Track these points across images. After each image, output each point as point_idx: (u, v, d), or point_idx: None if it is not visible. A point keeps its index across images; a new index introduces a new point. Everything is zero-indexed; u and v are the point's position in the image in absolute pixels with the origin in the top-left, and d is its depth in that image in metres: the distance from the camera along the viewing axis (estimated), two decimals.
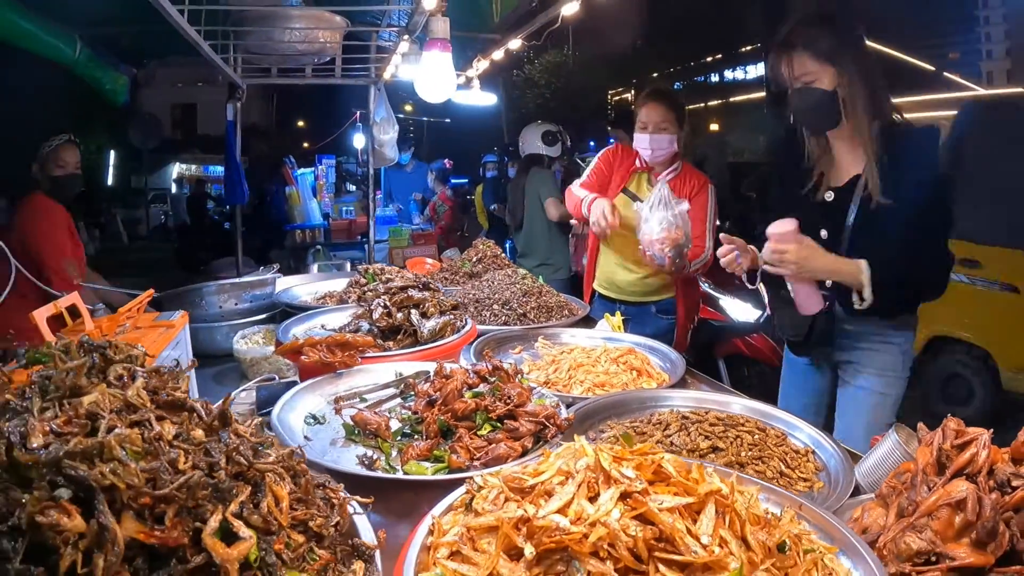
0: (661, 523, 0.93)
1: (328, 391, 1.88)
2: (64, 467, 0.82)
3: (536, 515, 0.94)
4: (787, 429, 2.02)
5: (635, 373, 2.55)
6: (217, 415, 1.03)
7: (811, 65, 2.52)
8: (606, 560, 0.91)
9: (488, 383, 1.69)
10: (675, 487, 1.01)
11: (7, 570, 0.80)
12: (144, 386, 1.03)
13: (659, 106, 3.72)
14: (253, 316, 3.15)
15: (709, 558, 0.92)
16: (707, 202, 3.76)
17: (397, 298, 2.32)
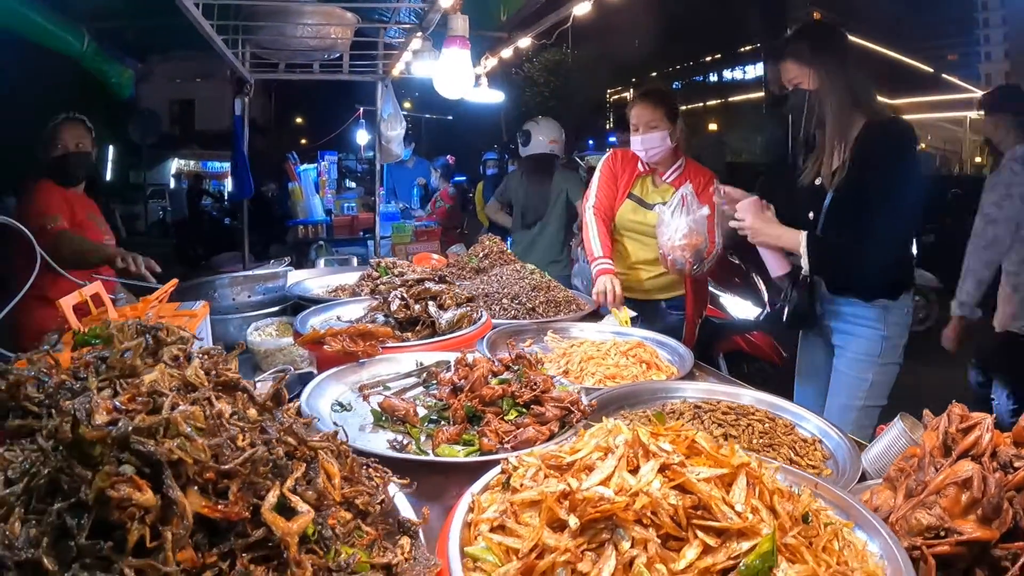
0: (699, 492, 0.99)
1: (351, 379, 1.92)
2: (132, 443, 0.84)
3: (580, 488, 0.99)
4: (794, 420, 2.07)
5: (644, 366, 2.60)
6: (271, 394, 1.08)
7: (795, 70, 2.89)
8: (649, 527, 0.97)
9: (512, 371, 1.74)
10: (708, 460, 1.07)
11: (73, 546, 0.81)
12: (200, 366, 1.07)
13: (647, 105, 3.72)
14: (266, 308, 3.18)
15: (744, 524, 0.98)
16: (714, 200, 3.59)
17: (414, 290, 2.36)
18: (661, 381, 2.41)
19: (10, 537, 0.83)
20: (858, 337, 2.93)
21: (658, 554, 0.96)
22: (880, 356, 2.90)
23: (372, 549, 1.01)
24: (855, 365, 2.94)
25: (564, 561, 0.95)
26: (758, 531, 0.98)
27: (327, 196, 9.36)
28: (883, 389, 2.93)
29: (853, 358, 2.95)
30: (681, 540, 0.99)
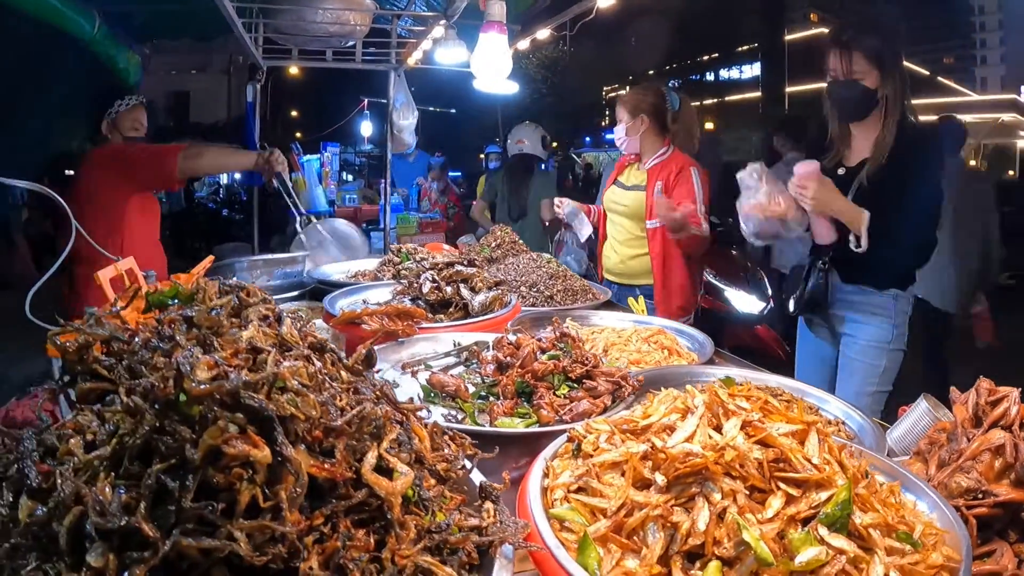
0: (780, 445, 1.04)
1: (392, 358, 1.94)
2: (243, 398, 0.81)
3: (666, 446, 1.03)
4: (817, 403, 2.10)
5: (666, 352, 2.63)
6: (363, 357, 1.10)
7: (863, 64, 2.88)
8: (737, 479, 1.01)
9: (557, 348, 1.77)
10: (782, 418, 1.12)
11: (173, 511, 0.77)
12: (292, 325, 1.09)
13: (617, 103, 4.20)
14: (284, 293, 3.20)
15: (821, 476, 1.03)
16: (692, 181, 3.93)
17: (446, 273, 2.40)
18: (686, 365, 2.44)
19: (103, 502, 0.77)
20: (869, 325, 3.03)
21: (747, 504, 1.00)
22: (891, 343, 3.02)
23: (458, 514, 1.00)
24: (868, 352, 3.04)
25: (657, 516, 0.99)
26: (834, 482, 1.04)
27: (330, 187, 9.36)
28: (891, 375, 3.05)
29: (865, 345, 3.05)
30: (764, 492, 1.03)
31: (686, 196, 3.85)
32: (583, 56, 29.94)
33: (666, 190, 3.87)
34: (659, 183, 3.90)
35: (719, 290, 5.84)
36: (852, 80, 2.90)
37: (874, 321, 3.03)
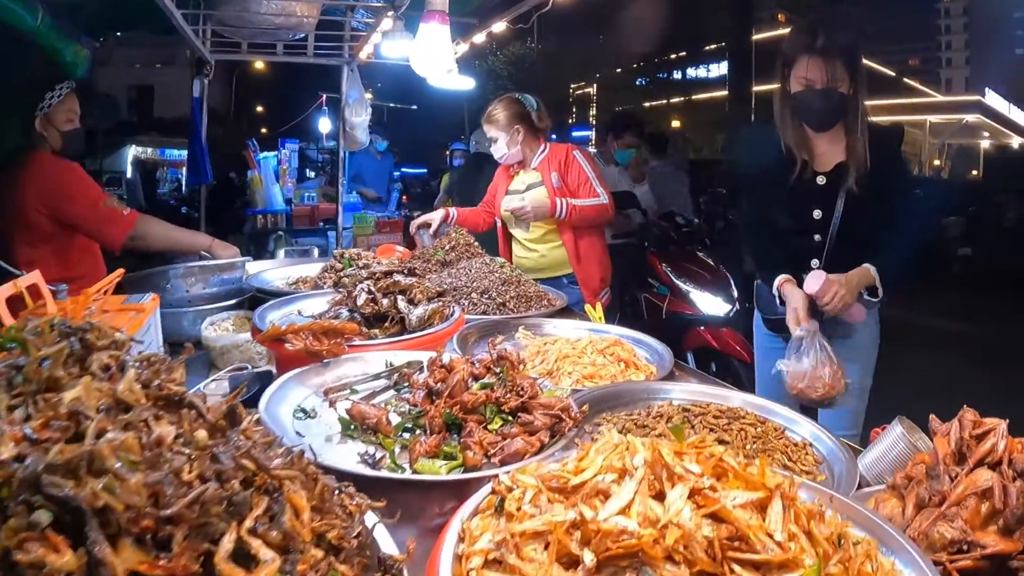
0: (736, 521, 0.85)
1: (315, 382, 1.74)
2: (45, 485, 0.65)
3: (596, 518, 0.84)
4: (784, 423, 1.96)
5: (623, 365, 2.48)
6: (225, 412, 0.90)
7: (841, 72, 2.79)
8: (681, 564, 0.83)
9: (493, 372, 1.58)
10: (739, 481, 0.93)
11: None
12: (136, 378, 0.88)
13: (486, 124, 4.35)
14: (222, 301, 3.00)
15: (786, 556, 0.84)
16: (579, 161, 4.25)
17: (382, 283, 2.19)
18: (644, 382, 2.28)
19: None
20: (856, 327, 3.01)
21: None
22: (878, 336, 3.13)
23: None
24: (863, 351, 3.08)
25: None
26: (801, 562, 0.85)
27: (287, 185, 9.11)
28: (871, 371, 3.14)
29: (860, 346, 3.06)
30: None
31: (579, 175, 4.20)
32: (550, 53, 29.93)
33: (561, 177, 4.19)
34: (554, 174, 4.20)
35: (684, 292, 5.72)
36: (831, 88, 2.80)
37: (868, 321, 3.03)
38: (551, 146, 4.38)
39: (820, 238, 2.97)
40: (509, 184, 4.46)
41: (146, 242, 3.37)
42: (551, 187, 4.19)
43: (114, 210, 3.28)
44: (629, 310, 6.38)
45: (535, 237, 4.35)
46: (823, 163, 2.98)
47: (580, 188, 4.18)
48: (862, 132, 2.86)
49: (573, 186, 4.19)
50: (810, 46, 2.78)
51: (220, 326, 2.75)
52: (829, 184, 2.94)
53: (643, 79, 44.06)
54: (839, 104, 2.82)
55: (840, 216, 2.92)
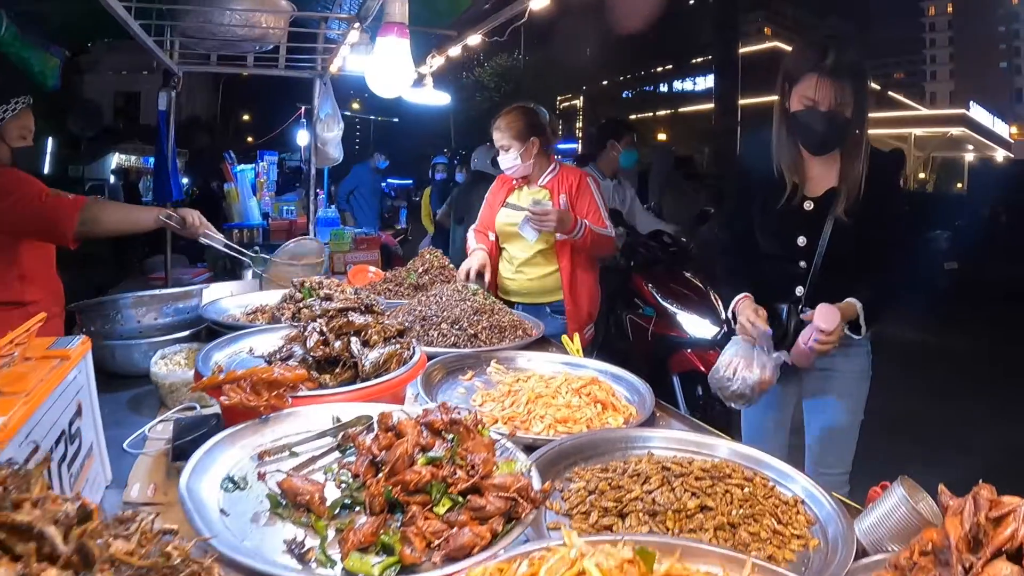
0: None
1: (252, 442, 1.54)
2: None
3: None
4: (775, 476, 1.79)
5: (599, 406, 2.29)
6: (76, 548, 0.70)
7: (847, 95, 2.62)
8: None
9: (444, 440, 1.39)
10: None
11: None
12: None
13: (498, 129, 4.06)
14: (176, 332, 2.80)
15: None
16: (592, 190, 4.07)
17: (335, 323, 1.99)
18: (621, 429, 2.09)
19: None
20: (853, 357, 2.90)
21: None
22: (869, 369, 2.95)
23: None
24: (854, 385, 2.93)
25: None
26: None
27: (265, 199, 8.88)
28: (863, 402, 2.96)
29: (851, 379, 2.92)
30: None
31: (590, 205, 4.00)
32: (536, 65, 29.90)
33: (571, 202, 3.98)
34: (563, 196, 3.99)
35: (671, 315, 5.56)
36: (835, 112, 2.63)
37: (857, 353, 2.91)
38: (562, 167, 4.17)
39: (805, 265, 2.82)
40: (507, 197, 4.22)
41: (99, 226, 3.04)
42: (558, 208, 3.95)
43: (58, 198, 3.04)
44: (614, 331, 6.21)
45: (526, 259, 4.09)
46: (813, 187, 2.83)
47: (589, 217, 3.95)
48: (863, 158, 2.71)
49: (582, 213, 3.95)
50: (818, 65, 2.61)
51: (172, 360, 2.55)
52: (817, 210, 2.79)
53: (629, 91, 44.16)
54: (841, 128, 2.67)
55: (826, 244, 2.76)
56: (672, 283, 5.79)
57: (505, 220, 4.11)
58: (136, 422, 2.11)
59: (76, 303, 2.90)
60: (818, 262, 2.78)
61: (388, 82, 3.04)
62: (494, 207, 4.27)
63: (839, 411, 2.92)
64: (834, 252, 2.76)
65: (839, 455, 2.93)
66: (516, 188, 4.19)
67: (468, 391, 2.44)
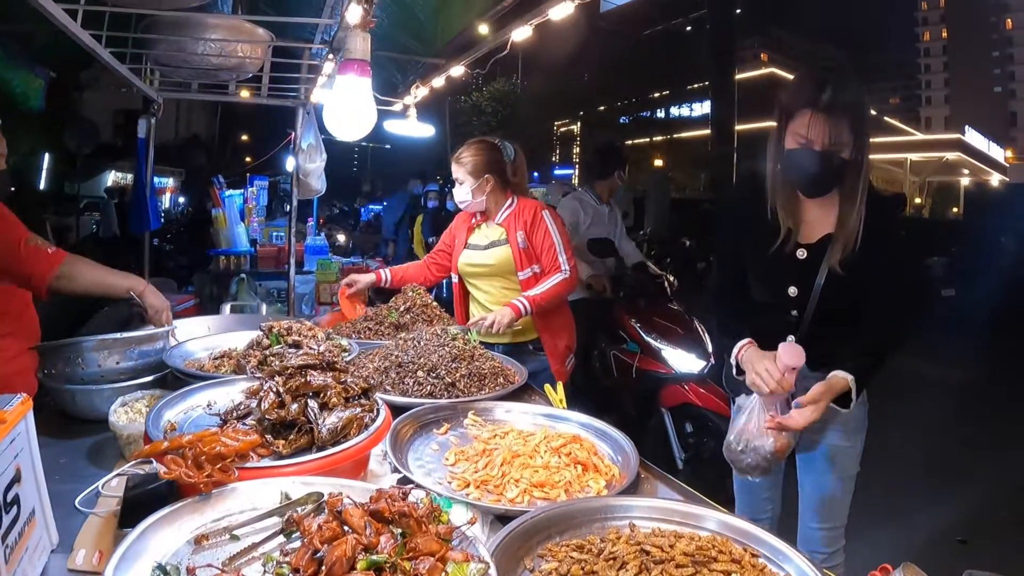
0: None
1: (191, 522, 1.40)
2: None
3: None
4: (767, 553, 1.65)
5: (580, 468, 2.15)
6: None
7: (845, 135, 2.46)
8: None
9: (392, 535, 1.25)
10: None
11: None
12: None
13: (455, 163, 4.06)
14: (140, 377, 2.66)
15: None
16: (547, 224, 3.96)
17: (293, 383, 1.85)
18: (600, 498, 1.93)
19: None
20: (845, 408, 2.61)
21: None
22: (864, 420, 2.78)
23: None
24: (847, 436, 2.74)
25: None
26: None
27: (253, 224, 8.78)
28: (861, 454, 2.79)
29: (844, 431, 2.73)
30: None
31: (544, 239, 3.93)
32: (534, 90, 29.94)
33: (527, 238, 3.92)
34: (520, 233, 3.93)
35: (656, 350, 5.43)
36: (831, 152, 2.47)
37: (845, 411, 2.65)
38: (519, 201, 4.09)
39: (797, 314, 2.67)
40: (469, 236, 4.19)
41: (73, 283, 2.94)
42: (516, 247, 3.95)
43: (37, 248, 2.92)
44: (599, 367, 6.08)
45: (494, 299, 4.08)
46: (809, 232, 2.67)
47: (544, 254, 3.94)
48: (860, 205, 2.53)
49: (538, 248, 3.94)
50: (814, 101, 2.45)
51: (132, 407, 2.40)
52: (810, 258, 2.64)
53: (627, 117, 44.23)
54: (838, 170, 2.50)
55: (819, 295, 2.61)
56: (656, 317, 5.68)
57: (467, 261, 4.13)
58: (94, 474, 2.02)
59: (37, 344, 2.76)
60: (809, 314, 2.64)
61: (347, 123, 2.90)
62: (453, 246, 4.27)
63: (831, 471, 2.76)
64: (826, 305, 2.62)
65: (832, 513, 2.78)
66: (475, 227, 4.19)
67: (442, 447, 2.30)
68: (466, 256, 4.15)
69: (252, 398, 1.96)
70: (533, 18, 3.26)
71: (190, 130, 30.49)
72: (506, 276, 4.02)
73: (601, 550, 1.60)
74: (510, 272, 3.98)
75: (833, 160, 2.48)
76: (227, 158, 28.34)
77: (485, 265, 4.06)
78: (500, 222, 4.05)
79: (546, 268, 3.93)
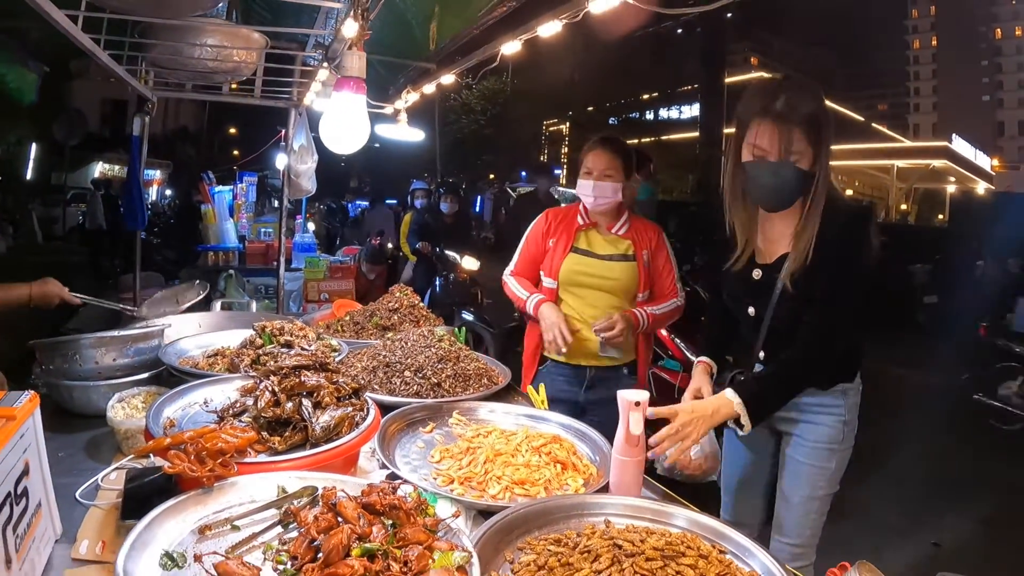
0: None
1: (195, 513, 1.50)
2: None
3: None
4: (734, 551, 1.75)
5: (559, 467, 2.25)
6: None
7: (801, 144, 2.36)
8: None
9: (383, 525, 1.35)
10: None
11: None
12: None
13: (606, 152, 3.54)
14: (136, 374, 2.73)
15: None
16: (668, 248, 3.65)
17: (288, 382, 1.95)
18: (577, 495, 2.04)
19: None
20: (819, 425, 2.60)
21: None
22: (842, 442, 2.61)
23: None
24: (816, 455, 2.61)
25: None
26: None
27: (242, 220, 8.84)
28: (839, 474, 2.64)
29: (813, 448, 2.61)
30: None
31: (665, 265, 3.63)
32: (524, 89, 29.97)
33: (652, 260, 3.60)
34: (646, 253, 3.59)
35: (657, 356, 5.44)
36: (786, 161, 2.36)
37: (824, 420, 2.59)
38: (632, 218, 3.68)
39: (756, 334, 2.63)
40: (572, 242, 3.64)
41: None
42: (642, 266, 3.58)
43: None
44: None
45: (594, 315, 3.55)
46: (771, 250, 2.59)
47: (662, 278, 3.63)
48: (814, 219, 2.41)
49: (656, 275, 3.62)
50: (767, 109, 2.36)
51: (129, 403, 2.49)
52: (765, 279, 2.57)
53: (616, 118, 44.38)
54: (794, 181, 2.38)
55: (771, 315, 2.55)
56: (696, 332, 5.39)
57: (580, 269, 3.59)
58: (92, 468, 2.08)
59: (35, 340, 2.82)
60: (765, 333, 2.59)
61: (342, 138, 2.98)
62: (549, 251, 3.70)
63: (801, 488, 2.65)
64: (779, 324, 2.56)
65: (799, 530, 2.66)
66: (582, 229, 3.66)
67: (428, 445, 2.39)
68: (577, 262, 3.60)
69: (247, 396, 2.06)
70: (522, 33, 3.33)
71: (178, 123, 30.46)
72: (622, 294, 3.58)
73: (577, 544, 1.70)
74: (630, 290, 3.58)
75: (786, 171, 2.38)
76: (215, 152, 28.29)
77: (605, 278, 3.57)
78: (623, 234, 3.62)
79: (660, 293, 3.63)
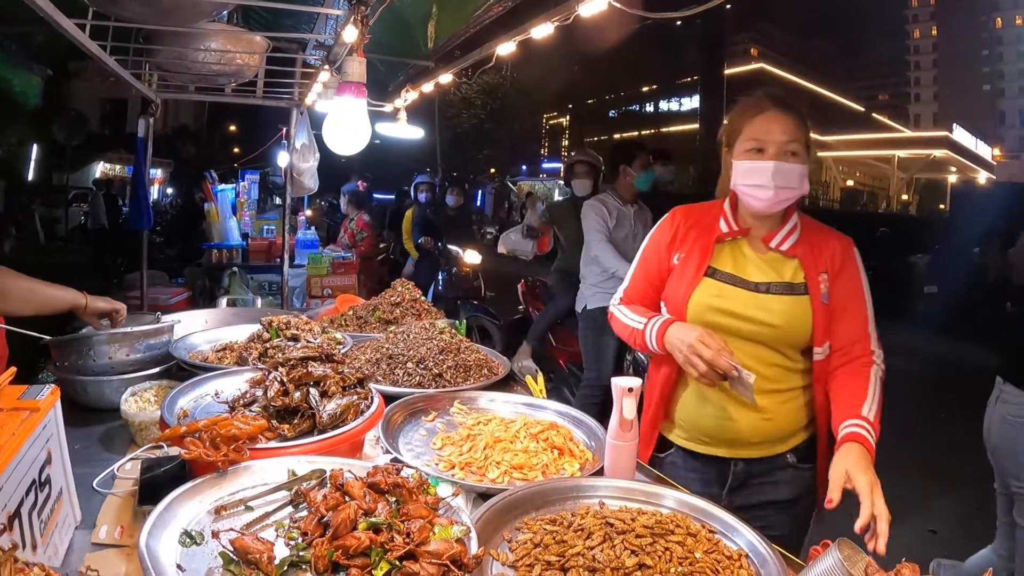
0: None
1: (211, 496, 1.60)
2: None
3: None
4: (721, 529, 1.85)
5: (556, 452, 2.34)
6: None
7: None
8: None
9: (387, 502, 1.46)
10: None
11: None
12: None
13: (783, 118, 2.34)
14: (147, 368, 2.84)
15: None
16: (860, 274, 2.42)
17: (296, 373, 2.05)
18: (573, 479, 2.14)
19: None
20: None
21: None
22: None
23: None
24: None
25: None
26: None
27: (245, 218, 8.95)
28: None
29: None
30: None
31: (852, 299, 2.37)
32: (523, 82, 29.99)
33: (832, 292, 2.36)
34: (823, 276, 2.37)
35: None
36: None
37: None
38: (803, 220, 2.47)
39: None
40: (709, 261, 2.45)
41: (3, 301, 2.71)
42: (819, 302, 2.34)
43: None
44: None
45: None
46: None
47: (848, 321, 2.34)
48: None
49: (839, 304, 2.35)
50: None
51: (142, 396, 2.59)
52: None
53: (615, 110, 44.42)
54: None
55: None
56: None
57: (717, 305, 2.39)
58: (107, 459, 2.17)
59: (51, 338, 2.90)
60: None
61: (344, 141, 3.08)
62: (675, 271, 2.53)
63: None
64: None
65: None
66: (724, 240, 2.48)
67: (430, 433, 2.49)
68: (714, 292, 2.42)
69: (257, 387, 2.16)
70: (517, 35, 3.41)
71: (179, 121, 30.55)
72: (787, 349, 2.40)
73: (571, 523, 1.81)
74: (797, 342, 2.38)
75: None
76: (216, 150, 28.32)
77: (756, 322, 2.36)
78: (788, 249, 2.41)
79: (840, 347, 2.34)
